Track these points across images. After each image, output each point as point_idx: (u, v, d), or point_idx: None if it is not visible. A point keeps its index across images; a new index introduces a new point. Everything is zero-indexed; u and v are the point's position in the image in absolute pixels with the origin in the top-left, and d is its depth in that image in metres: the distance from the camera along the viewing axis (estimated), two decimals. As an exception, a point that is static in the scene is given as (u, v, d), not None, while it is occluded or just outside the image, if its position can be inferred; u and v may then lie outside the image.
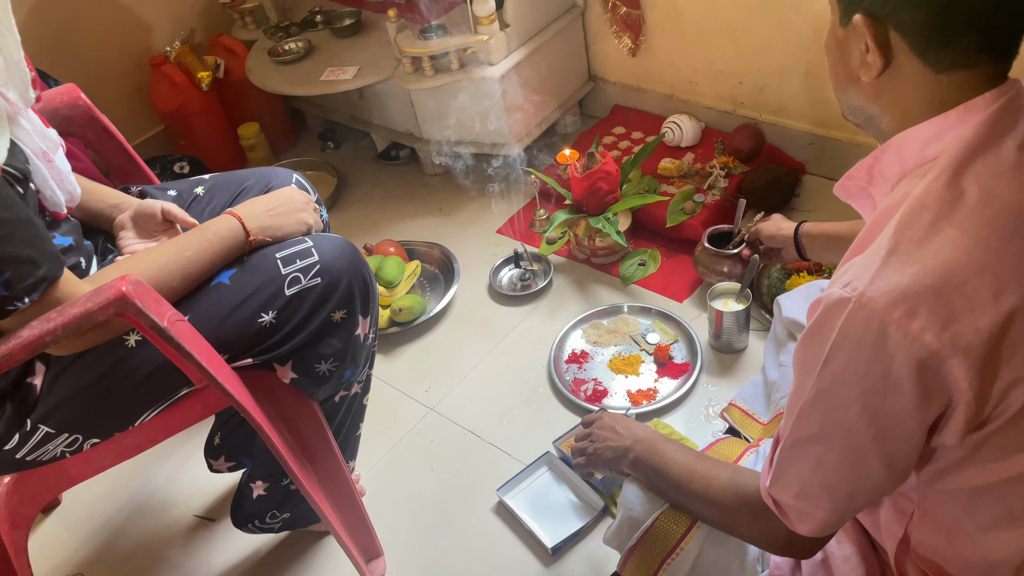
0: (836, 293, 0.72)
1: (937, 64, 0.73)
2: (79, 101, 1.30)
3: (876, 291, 0.69)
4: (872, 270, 0.71)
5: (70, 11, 2.23)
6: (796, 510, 0.82)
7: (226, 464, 1.48)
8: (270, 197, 1.17)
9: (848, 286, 0.72)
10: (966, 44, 0.72)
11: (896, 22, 0.72)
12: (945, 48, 0.72)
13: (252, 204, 1.15)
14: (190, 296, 1.07)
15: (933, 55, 0.72)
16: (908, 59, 0.74)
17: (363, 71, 2.13)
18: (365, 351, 1.20)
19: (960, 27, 0.71)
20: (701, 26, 2.02)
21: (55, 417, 1.02)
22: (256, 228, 1.11)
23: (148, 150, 2.42)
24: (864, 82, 0.77)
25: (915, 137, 0.76)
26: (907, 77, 0.75)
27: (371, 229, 2.20)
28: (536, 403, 1.67)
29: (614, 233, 1.81)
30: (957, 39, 0.71)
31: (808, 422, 0.78)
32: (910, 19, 0.71)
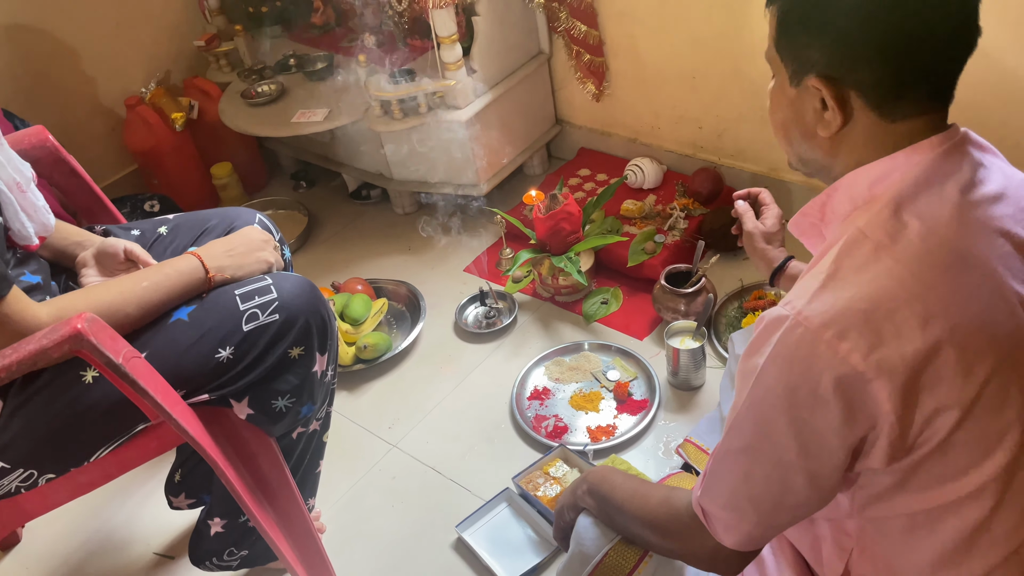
0: (776, 311, 0.77)
1: (891, 115, 0.77)
2: (47, 142, 1.33)
3: (812, 311, 0.74)
4: (811, 292, 0.75)
5: (47, 52, 2.27)
6: (723, 521, 0.85)
7: (186, 501, 1.48)
8: (231, 238, 1.21)
9: (788, 305, 0.76)
10: (917, 95, 0.77)
11: (854, 80, 0.76)
12: (900, 100, 0.77)
13: (213, 245, 1.19)
14: (149, 332, 1.09)
15: (888, 107, 0.77)
16: (864, 113, 0.78)
17: (334, 113, 2.18)
18: (323, 388, 1.23)
19: (915, 79, 0.76)
20: (662, 73, 2.10)
21: (10, 452, 1.03)
22: (216, 267, 1.14)
23: (121, 189, 2.44)
24: (820, 137, 0.81)
25: (864, 176, 0.80)
26: (862, 129, 0.79)
27: (341, 267, 2.23)
28: (498, 439, 1.69)
29: (575, 272, 1.85)
30: (910, 91, 0.76)
31: (740, 433, 0.81)
32: (868, 76, 0.76)
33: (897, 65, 0.75)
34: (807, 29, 0.78)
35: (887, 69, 0.75)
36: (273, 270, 1.21)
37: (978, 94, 1.57)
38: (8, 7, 2.17)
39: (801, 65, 0.79)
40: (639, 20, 2.04)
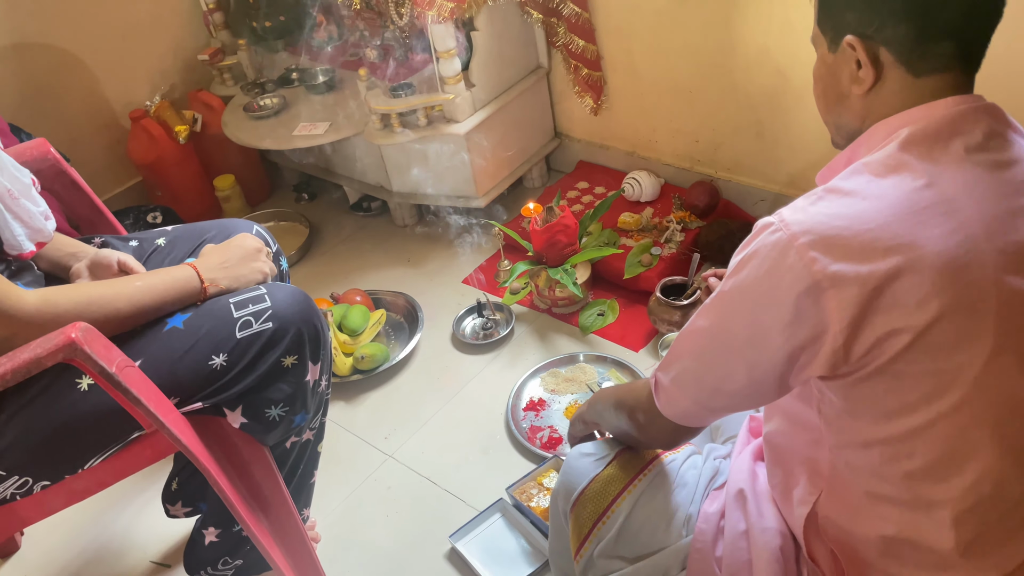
0: (766, 218, 0.83)
1: (917, 69, 0.83)
2: (48, 155, 1.35)
3: (794, 219, 0.80)
4: (800, 205, 0.82)
5: (53, 65, 2.31)
6: (668, 392, 0.94)
7: (183, 510, 1.49)
8: (225, 247, 1.22)
9: (777, 213, 0.82)
10: (942, 50, 0.82)
11: (883, 37, 0.83)
12: (925, 55, 0.82)
13: (208, 255, 1.20)
14: (144, 339, 1.10)
15: (915, 61, 0.83)
16: (893, 68, 0.84)
17: (335, 127, 2.20)
18: (317, 397, 1.24)
19: (937, 35, 0.82)
20: (658, 88, 2.11)
21: (5, 459, 1.04)
22: (211, 279, 1.16)
23: (125, 200, 2.47)
24: (854, 96, 0.88)
25: (884, 127, 0.86)
26: (891, 85, 0.85)
27: (340, 278, 2.24)
28: (492, 450, 1.70)
29: (571, 284, 1.87)
30: (935, 45, 0.82)
31: (706, 316, 0.88)
32: (894, 32, 0.82)
33: (921, 20, 0.81)
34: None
35: (912, 24, 0.81)
36: (268, 280, 1.23)
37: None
38: (15, 22, 2.21)
39: (838, 30, 0.87)
40: (636, 35, 2.07)
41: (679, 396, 0.93)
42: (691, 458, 1.13)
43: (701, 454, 1.16)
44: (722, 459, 1.15)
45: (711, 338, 0.88)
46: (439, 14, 1.87)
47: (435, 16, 1.87)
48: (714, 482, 1.10)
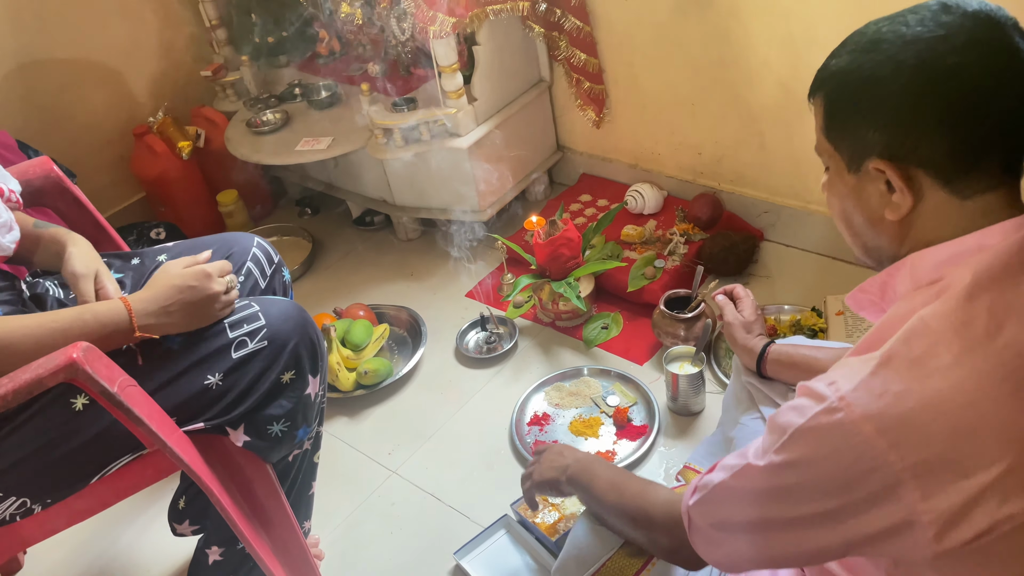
0: (820, 387, 0.73)
1: (963, 191, 0.73)
2: (51, 173, 1.36)
3: (856, 398, 0.70)
4: (859, 377, 0.71)
5: (57, 82, 2.32)
6: (707, 536, 0.85)
7: (190, 528, 1.48)
8: (178, 288, 1.11)
9: (832, 385, 0.72)
10: (990, 167, 0.72)
11: (918, 158, 0.73)
12: (972, 172, 0.72)
13: (157, 291, 1.11)
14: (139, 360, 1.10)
15: (960, 182, 0.73)
16: (933, 191, 0.74)
17: (337, 141, 2.20)
18: (315, 408, 1.24)
19: (985, 148, 0.72)
20: (660, 100, 2.12)
21: (2, 481, 1.04)
22: (146, 325, 1.08)
23: (129, 216, 2.48)
24: (888, 221, 0.77)
25: (931, 256, 0.75)
26: (933, 208, 0.74)
27: (344, 293, 2.24)
28: (497, 465, 1.69)
29: (574, 298, 1.86)
30: (983, 160, 0.72)
31: (751, 479, 0.78)
32: (933, 151, 0.72)
33: (963, 136, 0.71)
34: (859, 112, 0.75)
35: (954, 140, 0.71)
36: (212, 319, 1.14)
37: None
38: (20, 40, 2.22)
39: (859, 150, 0.76)
40: (638, 49, 2.07)
41: (721, 542, 0.83)
42: None
43: None
44: None
45: (764, 519, 0.77)
46: (441, 29, 1.87)
47: (437, 31, 1.88)
48: None
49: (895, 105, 0.72)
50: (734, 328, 1.33)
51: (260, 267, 1.34)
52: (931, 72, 0.71)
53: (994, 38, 0.72)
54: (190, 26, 2.56)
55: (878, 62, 0.73)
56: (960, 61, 0.71)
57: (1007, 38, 0.72)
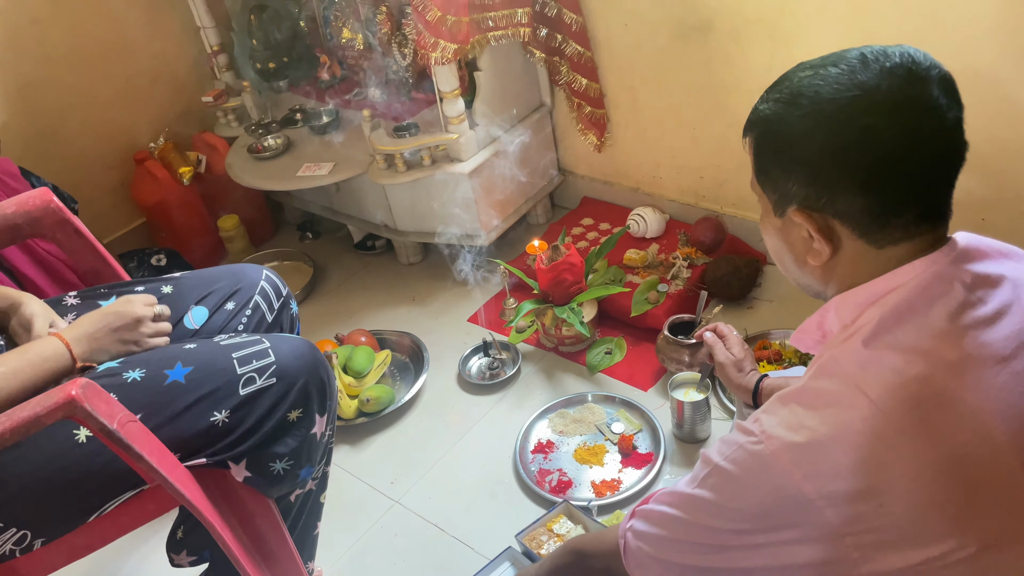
0: (748, 424, 0.78)
1: (879, 242, 0.76)
2: (51, 204, 1.34)
3: (774, 431, 0.75)
4: (777, 411, 0.76)
5: (58, 108, 2.32)
6: (638, 559, 0.90)
7: (188, 559, 1.46)
8: (102, 315, 1.15)
9: (756, 422, 0.77)
10: (904, 220, 0.75)
11: (834, 211, 0.75)
12: (885, 227, 0.75)
13: (83, 322, 1.14)
14: (144, 393, 1.09)
15: (875, 235, 0.76)
16: (851, 240, 0.77)
17: (338, 167, 2.20)
18: (321, 448, 1.22)
19: (898, 206, 0.74)
20: (661, 124, 2.12)
21: (2, 511, 1.02)
22: (83, 353, 1.10)
23: (129, 242, 2.47)
24: (811, 265, 0.81)
25: (851, 299, 0.79)
26: (851, 256, 0.78)
27: (345, 318, 2.23)
28: (501, 495, 1.67)
29: (577, 324, 1.85)
30: (896, 217, 0.74)
31: (679, 504, 0.84)
32: (848, 206, 0.74)
33: (877, 195, 0.73)
34: (781, 163, 0.77)
35: (867, 199, 0.74)
36: (138, 350, 1.16)
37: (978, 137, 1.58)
38: (21, 66, 2.23)
39: (782, 197, 0.79)
40: (639, 73, 2.07)
41: (654, 564, 0.88)
42: None
43: None
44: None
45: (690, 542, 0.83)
46: (442, 56, 1.88)
47: (438, 57, 1.88)
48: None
49: (811, 163, 0.74)
50: (726, 368, 1.36)
51: (268, 300, 1.33)
52: (844, 135, 0.72)
53: (911, 96, 0.72)
54: (191, 52, 2.57)
55: (796, 119, 0.75)
56: (873, 123, 0.71)
57: (924, 95, 0.72)
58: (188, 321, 1.27)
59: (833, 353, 0.77)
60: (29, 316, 1.16)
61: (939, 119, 0.72)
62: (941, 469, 0.70)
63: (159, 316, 1.19)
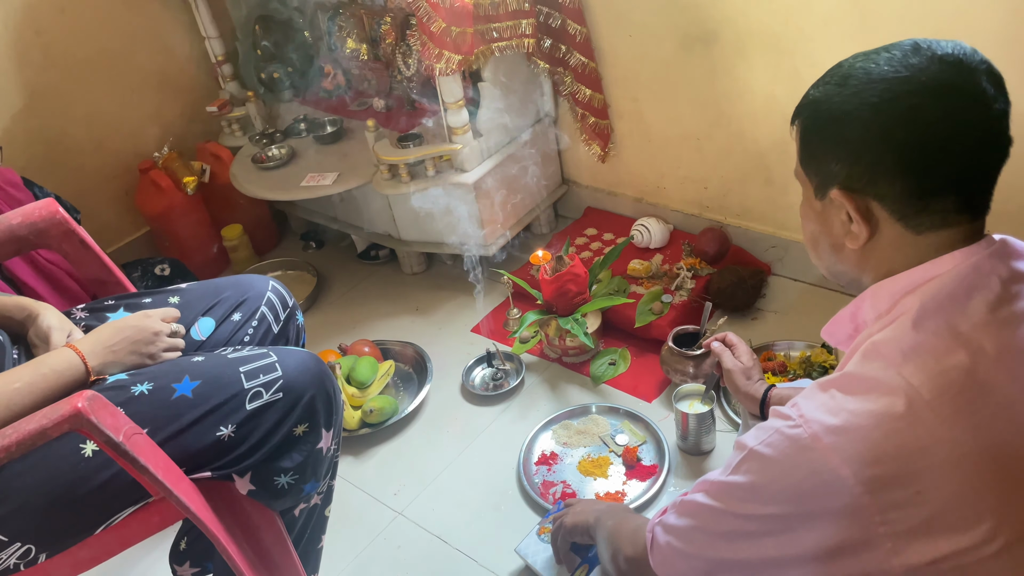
0: (785, 409, 0.78)
1: (917, 227, 0.77)
2: (56, 215, 1.35)
3: (813, 416, 0.75)
4: (817, 397, 0.76)
5: (63, 117, 2.33)
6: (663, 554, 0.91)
7: (191, 570, 1.45)
8: (119, 328, 1.16)
9: (795, 406, 0.77)
10: (943, 206, 0.75)
11: (875, 192, 0.76)
12: (924, 212, 0.76)
13: (100, 334, 1.15)
14: (150, 407, 1.09)
15: (913, 219, 0.76)
16: (889, 225, 0.77)
17: (342, 177, 2.21)
18: (326, 463, 1.21)
19: (937, 190, 0.75)
20: (665, 135, 2.12)
21: (7, 524, 1.02)
22: (98, 367, 1.11)
23: (133, 252, 2.47)
24: (849, 249, 0.82)
25: (888, 288, 0.80)
26: (889, 241, 0.78)
27: (348, 328, 2.23)
28: (504, 506, 1.66)
29: (582, 335, 1.85)
30: (935, 202, 0.75)
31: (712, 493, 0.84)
32: (888, 188, 0.75)
33: (917, 177, 0.74)
34: (825, 143, 0.79)
35: (907, 181, 0.74)
36: (151, 363, 1.17)
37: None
38: (25, 75, 2.23)
39: (824, 179, 0.80)
40: (643, 84, 2.07)
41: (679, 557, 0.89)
42: None
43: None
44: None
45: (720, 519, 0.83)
46: (446, 66, 1.88)
47: (443, 68, 1.88)
48: None
49: (855, 141, 0.75)
50: (735, 375, 1.36)
51: (274, 311, 1.33)
52: (890, 113, 0.74)
53: (959, 83, 0.73)
54: (196, 62, 2.58)
55: (845, 97, 0.76)
56: (919, 103, 0.73)
57: (972, 83, 0.74)
58: (195, 332, 1.27)
59: (874, 340, 0.77)
60: (47, 328, 1.17)
61: (984, 108, 0.73)
62: (980, 458, 0.70)
63: (175, 332, 1.21)
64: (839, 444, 0.72)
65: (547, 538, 1.49)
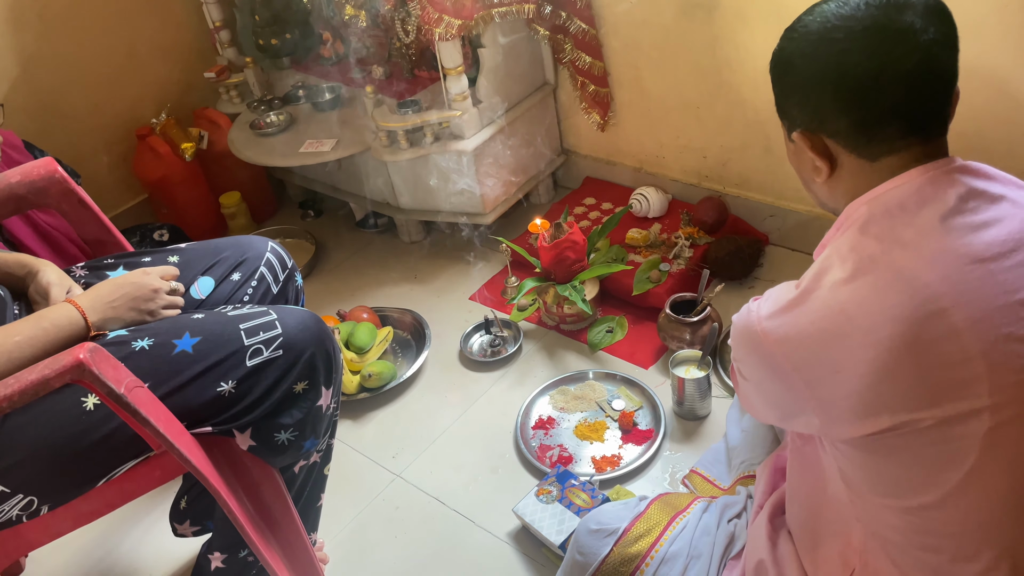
0: (750, 306, 0.90)
1: (870, 155, 0.83)
2: (55, 174, 1.35)
3: (771, 326, 0.85)
4: (778, 303, 0.86)
5: (59, 82, 2.31)
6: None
7: (191, 528, 1.48)
8: (118, 284, 1.16)
9: (757, 303, 0.89)
10: (888, 134, 0.82)
11: (827, 131, 0.84)
12: (872, 141, 0.82)
13: (99, 290, 1.15)
14: (151, 362, 1.09)
15: (865, 148, 0.83)
16: (846, 157, 0.85)
17: (341, 143, 2.20)
18: (326, 421, 1.22)
19: (878, 121, 0.81)
20: (666, 104, 2.11)
21: (9, 476, 1.03)
22: (98, 322, 1.11)
23: (131, 218, 2.47)
24: (818, 183, 0.90)
25: (854, 208, 0.86)
26: (849, 171, 0.86)
27: (347, 295, 2.23)
28: (502, 469, 1.68)
29: (580, 301, 1.85)
30: (879, 131, 0.82)
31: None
32: (836, 126, 0.83)
33: (857, 112, 0.81)
34: (783, 91, 0.88)
35: (850, 117, 0.82)
36: (151, 319, 1.17)
37: (982, 123, 1.58)
38: (23, 40, 2.22)
39: (790, 122, 0.89)
40: (643, 52, 2.06)
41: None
42: (703, 521, 1.11)
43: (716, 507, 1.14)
44: (736, 520, 1.12)
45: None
46: (446, 31, 1.87)
47: (442, 33, 1.87)
48: (730, 550, 1.07)
49: (801, 87, 0.84)
50: None
51: (273, 272, 1.33)
52: (823, 60, 0.81)
53: (883, 22, 0.79)
54: (194, 27, 2.55)
55: (792, 49, 0.85)
56: (846, 47, 0.80)
57: (896, 20, 0.79)
58: (195, 291, 1.27)
59: (829, 248, 0.85)
60: (46, 284, 1.18)
61: (909, 42, 0.78)
62: (896, 344, 0.76)
63: (174, 290, 1.21)
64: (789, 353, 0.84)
65: (545, 499, 1.51)
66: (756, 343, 0.87)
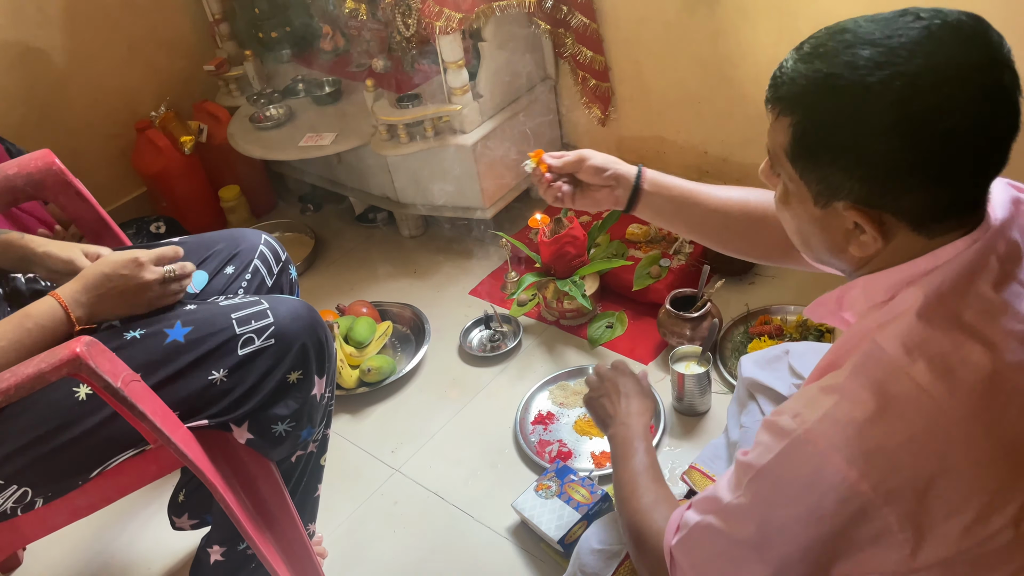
0: (784, 421, 0.73)
1: (931, 232, 0.71)
2: (53, 166, 1.34)
3: (820, 431, 0.70)
4: (822, 408, 0.71)
5: (58, 76, 2.30)
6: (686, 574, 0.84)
7: (189, 522, 1.47)
8: (107, 276, 1.10)
9: (797, 417, 0.72)
10: (962, 211, 0.71)
11: (894, 208, 0.69)
12: (946, 220, 0.71)
13: (85, 282, 1.10)
14: (143, 352, 1.09)
15: (935, 227, 0.71)
16: (904, 232, 0.71)
17: (341, 137, 2.19)
18: (321, 410, 1.22)
19: (961, 199, 0.70)
20: (666, 98, 2.10)
21: (2, 468, 1.03)
22: (83, 316, 1.08)
23: (129, 211, 2.46)
24: (850, 254, 0.75)
25: (883, 280, 0.75)
26: (898, 245, 0.73)
27: (346, 290, 2.23)
28: (501, 465, 1.68)
29: (580, 296, 1.85)
30: (956, 210, 0.70)
31: (722, 517, 0.79)
32: (911, 204, 0.69)
33: (945, 190, 0.68)
34: (833, 154, 0.69)
35: (935, 195, 0.68)
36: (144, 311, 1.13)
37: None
38: (21, 32, 2.21)
39: (828, 188, 0.71)
40: (644, 46, 2.06)
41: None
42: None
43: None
44: None
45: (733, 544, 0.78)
46: (447, 25, 1.86)
47: (442, 27, 1.86)
48: None
49: (873, 155, 0.67)
50: (593, 155, 1.18)
51: (267, 265, 1.33)
52: (912, 118, 0.64)
53: (987, 84, 0.66)
54: (193, 20, 2.54)
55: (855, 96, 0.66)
56: (948, 96, 0.64)
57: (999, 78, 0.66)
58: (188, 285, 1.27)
59: (876, 339, 0.71)
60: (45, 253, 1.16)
61: (1012, 108, 0.67)
62: (996, 454, 0.68)
63: (167, 276, 1.14)
64: (853, 457, 0.68)
65: (544, 494, 1.51)
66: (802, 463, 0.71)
